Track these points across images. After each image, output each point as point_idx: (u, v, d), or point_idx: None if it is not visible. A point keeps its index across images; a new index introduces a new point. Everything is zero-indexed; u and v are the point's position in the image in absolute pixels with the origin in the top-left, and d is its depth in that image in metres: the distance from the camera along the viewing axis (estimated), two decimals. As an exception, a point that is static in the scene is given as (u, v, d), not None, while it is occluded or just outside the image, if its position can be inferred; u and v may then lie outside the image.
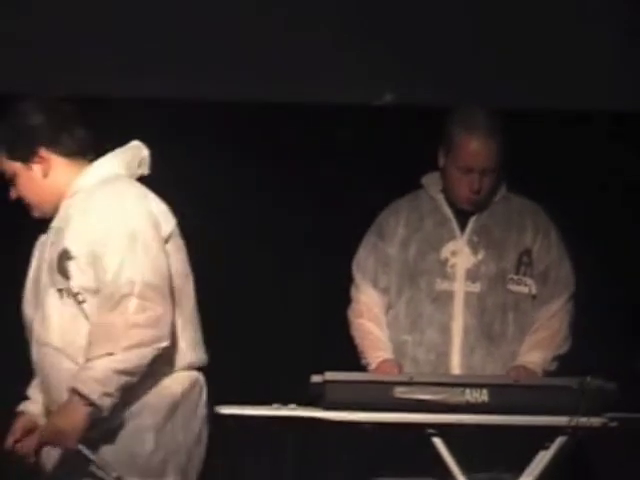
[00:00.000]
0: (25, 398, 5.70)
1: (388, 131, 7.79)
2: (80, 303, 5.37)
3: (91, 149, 5.63)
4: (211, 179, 7.82)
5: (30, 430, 5.54)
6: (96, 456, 5.33)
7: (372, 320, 6.49)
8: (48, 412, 5.54)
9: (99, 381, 5.13)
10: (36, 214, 5.61)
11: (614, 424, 6.01)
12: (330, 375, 5.91)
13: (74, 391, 5.12)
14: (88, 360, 5.19)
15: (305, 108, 8.02)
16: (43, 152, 5.52)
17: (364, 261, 6.53)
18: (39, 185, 5.59)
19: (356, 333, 6.47)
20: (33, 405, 5.65)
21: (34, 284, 5.65)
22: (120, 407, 5.33)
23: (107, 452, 5.40)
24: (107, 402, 5.18)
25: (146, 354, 5.20)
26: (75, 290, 5.36)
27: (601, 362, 6.64)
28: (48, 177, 5.55)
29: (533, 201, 6.60)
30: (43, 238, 5.70)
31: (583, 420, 5.96)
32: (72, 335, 5.43)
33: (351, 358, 6.56)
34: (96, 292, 5.35)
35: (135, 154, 5.65)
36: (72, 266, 5.33)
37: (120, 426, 5.40)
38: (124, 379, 5.19)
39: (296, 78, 8.38)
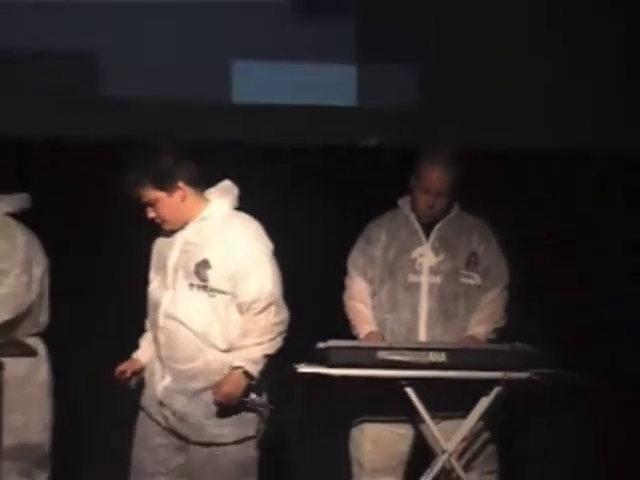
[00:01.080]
0: (137, 348, 6.22)
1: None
2: (210, 297, 5.97)
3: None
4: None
5: (136, 372, 6.12)
6: (250, 398, 6.01)
7: (362, 302, 6.86)
8: (159, 357, 6.07)
9: (255, 362, 5.85)
10: (167, 227, 6.12)
11: (536, 377, 6.38)
12: (332, 342, 6.39)
13: (238, 367, 5.86)
14: (244, 347, 5.89)
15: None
16: (181, 185, 6.02)
17: (356, 260, 6.91)
18: (177, 208, 6.06)
19: (350, 311, 6.87)
20: (142, 353, 6.16)
21: (162, 271, 6.14)
22: None
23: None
24: (257, 375, 5.90)
25: (278, 343, 5.92)
26: (208, 288, 5.95)
27: (529, 333, 6.68)
28: (184, 202, 6.04)
29: (478, 217, 6.92)
30: (161, 242, 6.26)
31: (513, 374, 6.40)
32: (196, 315, 5.97)
33: (346, 330, 6.87)
34: (228, 294, 5.94)
35: (234, 192, 6.14)
36: (210, 273, 5.91)
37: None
38: (265, 360, 5.94)
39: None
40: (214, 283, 5.97)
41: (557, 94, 8.24)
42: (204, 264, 5.96)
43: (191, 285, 6.02)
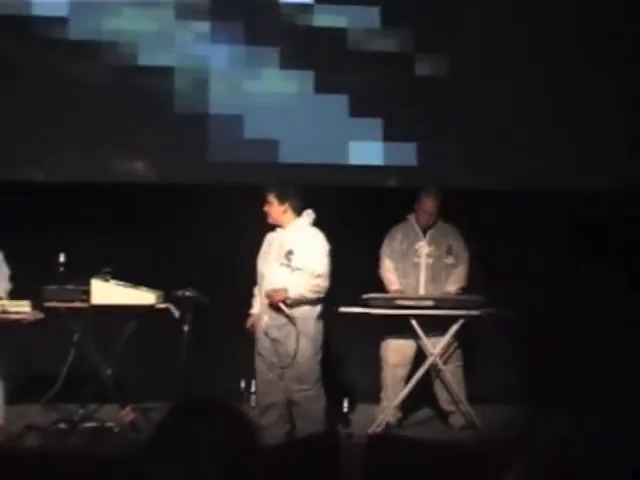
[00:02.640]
0: (251, 306, 6.86)
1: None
2: (291, 272, 6.62)
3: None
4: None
5: (253, 324, 6.82)
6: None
7: (390, 273, 7.55)
8: (262, 307, 6.71)
9: (299, 297, 6.50)
10: (270, 221, 6.65)
11: (482, 314, 7.20)
12: (371, 295, 7.25)
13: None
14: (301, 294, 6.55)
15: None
16: (289, 204, 6.68)
17: (385, 249, 7.57)
18: (281, 215, 6.68)
19: (383, 278, 7.55)
20: (255, 309, 6.88)
21: (265, 255, 6.76)
22: None
23: None
24: (295, 298, 6.53)
25: (319, 295, 6.61)
26: (291, 266, 6.60)
27: (478, 290, 7.37)
28: (286, 213, 6.69)
29: (453, 225, 7.59)
30: (270, 235, 6.76)
31: (471, 312, 7.20)
32: (282, 281, 6.63)
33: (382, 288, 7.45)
34: (300, 270, 6.58)
35: (311, 216, 6.79)
36: (293, 258, 6.61)
37: None
38: (305, 299, 6.57)
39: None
40: (294, 263, 6.64)
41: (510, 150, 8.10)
42: (290, 252, 6.64)
43: (281, 264, 6.65)
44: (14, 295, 7.05)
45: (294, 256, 6.62)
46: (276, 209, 6.70)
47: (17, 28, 7.73)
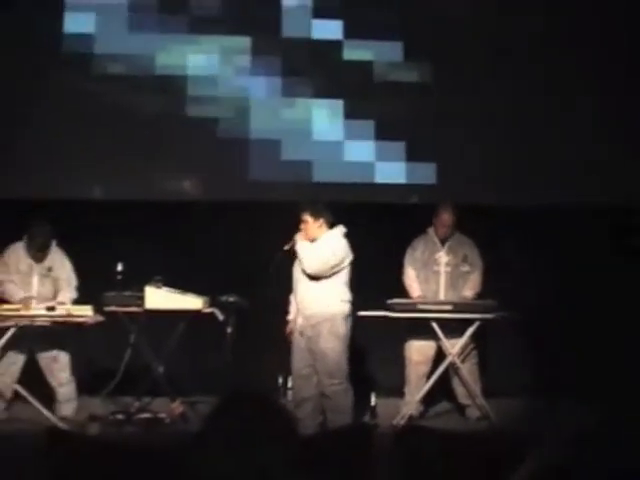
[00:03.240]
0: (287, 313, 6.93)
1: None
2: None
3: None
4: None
5: (292, 330, 6.82)
6: None
7: (412, 280, 7.51)
8: (298, 310, 6.74)
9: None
10: (307, 238, 6.65)
11: (496, 317, 7.20)
12: (395, 300, 7.24)
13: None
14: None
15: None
16: (323, 219, 6.74)
17: (407, 259, 7.53)
18: (316, 230, 6.74)
19: (406, 285, 7.52)
20: (292, 315, 6.90)
21: (299, 264, 6.74)
22: None
23: None
24: None
25: None
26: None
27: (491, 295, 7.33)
28: (321, 228, 6.74)
29: (467, 237, 7.54)
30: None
31: (486, 315, 7.22)
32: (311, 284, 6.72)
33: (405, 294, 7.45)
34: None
35: (342, 230, 6.82)
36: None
37: None
38: None
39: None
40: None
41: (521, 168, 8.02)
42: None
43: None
44: (78, 300, 7.25)
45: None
46: (312, 226, 6.77)
47: (79, 64, 7.94)
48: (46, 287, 7.23)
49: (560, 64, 7.98)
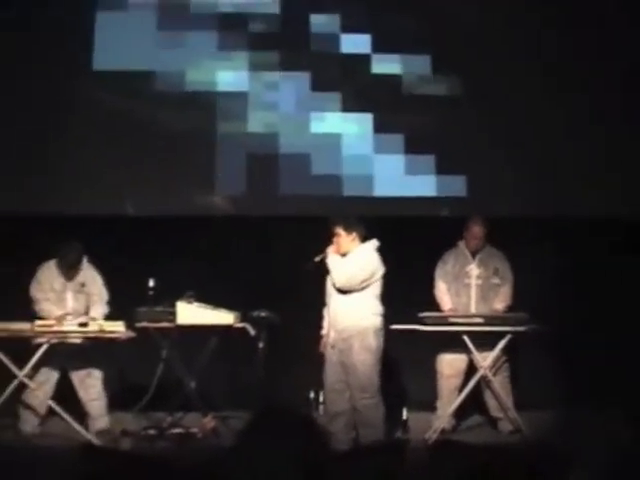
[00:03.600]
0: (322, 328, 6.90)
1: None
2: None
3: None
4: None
5: (324, 344, 6.83)
6: None
7: (444, 294, 7.52)
8: (330, 324, 6.76)
9: None
10: (339, 252, 6.71)
11: (528, 330, 7.18)
12: (426, 313, 7.22)
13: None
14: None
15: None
16: (355, 233, 6.76)
17: (439, 272, 7.55)
18: (349, 243, 6.76)
19: (437, 298, 7.51)
20: (325, 330, 6.90)
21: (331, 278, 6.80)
22: None
23: None
24: None
25: None
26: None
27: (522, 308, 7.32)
28: (354, 242, 6.76)
29: (499, 250, 7.56)
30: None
31: (517, 328, 7.20)
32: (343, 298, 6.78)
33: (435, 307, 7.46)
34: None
35: (375, 243, 6.82)
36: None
37: None
38: None
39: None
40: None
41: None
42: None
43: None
44: (110, 316, 7.29)
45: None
46: (344, 239, 6.78)
47: (110, 81, 8.00)
48: (80, 303, 7.32)
49: (588, 77, 8.01)
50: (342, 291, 6.76)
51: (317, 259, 6.74)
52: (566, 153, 8.00)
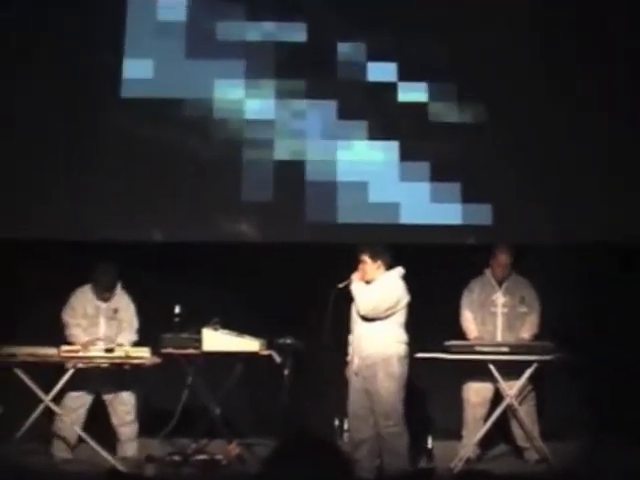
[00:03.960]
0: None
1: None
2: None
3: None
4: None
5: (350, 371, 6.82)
6: None
7: (470, 322, 7.56)
8: (354, 351, 6.77)
9: None
10: (364, 279, 6.78)
11: (554, 359, 7.16)
12: (452, 341, 7.26)
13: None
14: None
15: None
16: (381, 261, 6.82)
17: (465, 301, 7.60)
18: (375, 271, 6.84)
19: (464, 327, 7.58)
20: (350, 357, 6.91)
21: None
22: None
23: None
24: None
25: None
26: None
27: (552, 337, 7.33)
28: (379, 269, 6.83)
29: (525, 278, 7.61)
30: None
31: (544, 357, 7.18)
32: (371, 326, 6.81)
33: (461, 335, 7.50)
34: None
35: (400, 271, 6.93)
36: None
37: None
38: None
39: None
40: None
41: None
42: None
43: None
44: (136, 341, 7.46)
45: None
46: (370, 267, 6.82)
47: (139, 108, 8.06)
48: (112, 329, 7.41)
49: (615, 107, 8.00)
50: (366, 318, 6.79)
51: (341, 285, 6.76)
52: (594, 180, 7.98)
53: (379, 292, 6.72)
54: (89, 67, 8.00)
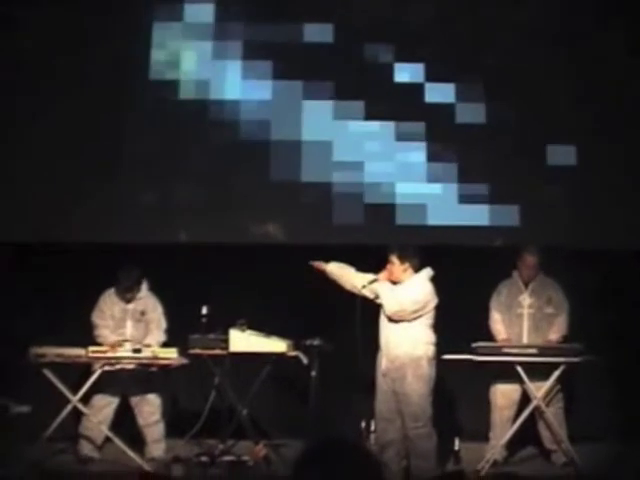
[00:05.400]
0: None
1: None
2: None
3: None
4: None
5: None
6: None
7: (498, 324, 7.55)
8: (382, 352, 6.83)
9: None
10: (390, 279, 6.84)
11: (582, 361, 7.19)
12: (480, 343, 7.30)
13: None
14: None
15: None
16: (409, 263, 6.84)
17: (493, 302, 7.62)
18: (402, 273, 6.86)
19: (491, 328, 7.58)
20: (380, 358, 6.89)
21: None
22: None
23: None
24: None
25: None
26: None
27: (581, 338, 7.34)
28: (406, 272, 6.87)
29: (552, 279, 7.61)
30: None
31: (572, 359, 7.24)
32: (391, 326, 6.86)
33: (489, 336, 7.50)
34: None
35: (429, 272, 6.88)
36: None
37: None
38: None
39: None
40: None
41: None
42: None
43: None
44: (164, 342, 7.52)
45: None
46: (398, 268, 6.83)
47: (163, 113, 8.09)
48: (139, 331, 7.49)
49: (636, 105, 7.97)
50: (393, 319, 6.82)
51: (365, 283, 6.75)
52: (622, 181, 7.94)
53: (406, 294, 6.73)
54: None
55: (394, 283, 6.84)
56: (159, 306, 7.48)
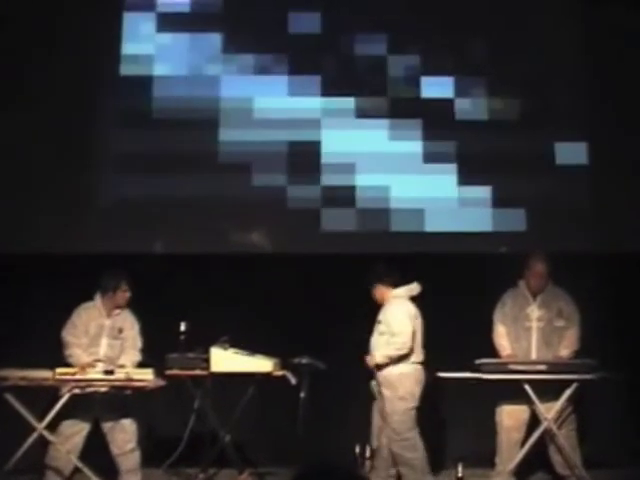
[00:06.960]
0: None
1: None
2: (379, 336, 7.07)
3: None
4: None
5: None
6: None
7: (502, 338, 7.39)
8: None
9: (383, 357, 6.88)
10: (382, 303, 7.05)
11: (595, 377, 7.02)
12: (484, 360, 7.09)
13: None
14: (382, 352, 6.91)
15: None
16: (388, 283, 7.00)
17: (497, 315, 7.42)
18: (384, 294, 7.05)
19: (496, 343, 7.39)
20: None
21: (375, 328, 7.13)
22: None
23: None
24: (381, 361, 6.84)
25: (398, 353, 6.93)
26: (379, 331, 7.05)
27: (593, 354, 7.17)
28: (388, 291, 7.02)
29: (562, 289, 7.40)
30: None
31: (585, 376, 7.03)
32: (377, 345, 7.06)
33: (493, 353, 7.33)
34: (387, 333, 6.97)
35: (416, 288, 7.12)
36: (381, 327, 7.03)
37: None
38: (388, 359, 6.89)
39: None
40: (381, 329, 7.10)
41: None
42: (378, 322, 7.11)
43: (379, 333, 7.13)
44: (139, 362, 7.28)
45: (381, 324, 7.13)
46: (380, 293, 7.18)
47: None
48: (114, 350, 7.27)
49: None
50: (376, 338, 7.07)
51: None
52: (633, 184, 7.96)
53: (391, 346, 7.03)
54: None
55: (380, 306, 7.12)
56: (136, 324, 7.29)
